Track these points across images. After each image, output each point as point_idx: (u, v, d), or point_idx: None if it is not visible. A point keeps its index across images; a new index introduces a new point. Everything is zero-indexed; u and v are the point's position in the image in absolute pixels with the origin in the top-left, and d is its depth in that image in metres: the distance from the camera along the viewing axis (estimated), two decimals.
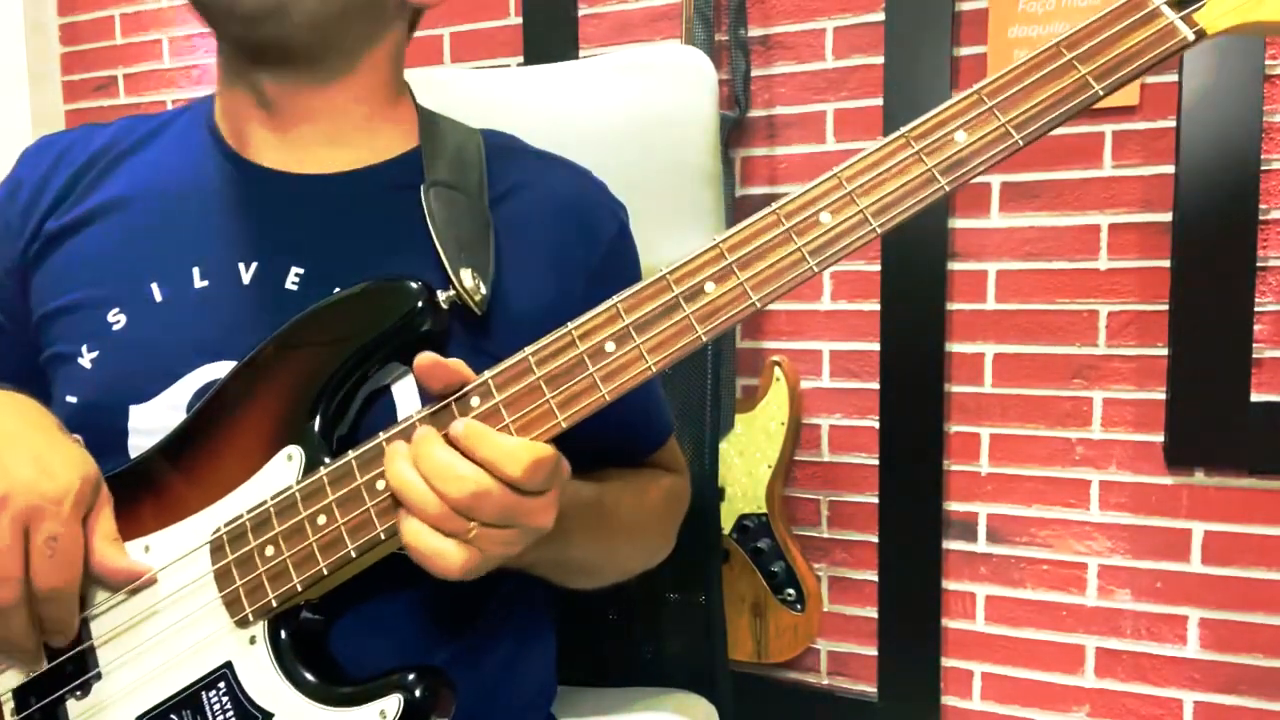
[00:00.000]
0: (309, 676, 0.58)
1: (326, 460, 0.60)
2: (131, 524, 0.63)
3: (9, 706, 0.63)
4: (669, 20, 1.69)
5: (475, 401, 0.56)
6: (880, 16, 1.56)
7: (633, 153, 0.93)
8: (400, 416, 0.64)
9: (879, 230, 0.52)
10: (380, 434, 0.58)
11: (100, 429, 0.67)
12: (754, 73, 1.65)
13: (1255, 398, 1.42)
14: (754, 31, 1.65)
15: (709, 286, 0.54)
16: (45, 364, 0.73)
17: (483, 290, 0.65)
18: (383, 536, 0.56)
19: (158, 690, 0.60)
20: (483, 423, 0.55)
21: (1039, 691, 1.60)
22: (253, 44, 0.69)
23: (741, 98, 1.62)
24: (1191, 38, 0.52)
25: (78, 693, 0.61)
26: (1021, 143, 0.52)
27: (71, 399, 0.69)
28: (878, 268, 1.60)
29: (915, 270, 1.57)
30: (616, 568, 0.77)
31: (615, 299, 0.55)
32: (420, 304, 0.62)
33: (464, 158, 0.73)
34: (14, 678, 0.63)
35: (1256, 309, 1.41)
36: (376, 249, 0.69)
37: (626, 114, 0.96)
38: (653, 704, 0.89)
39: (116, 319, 0.69)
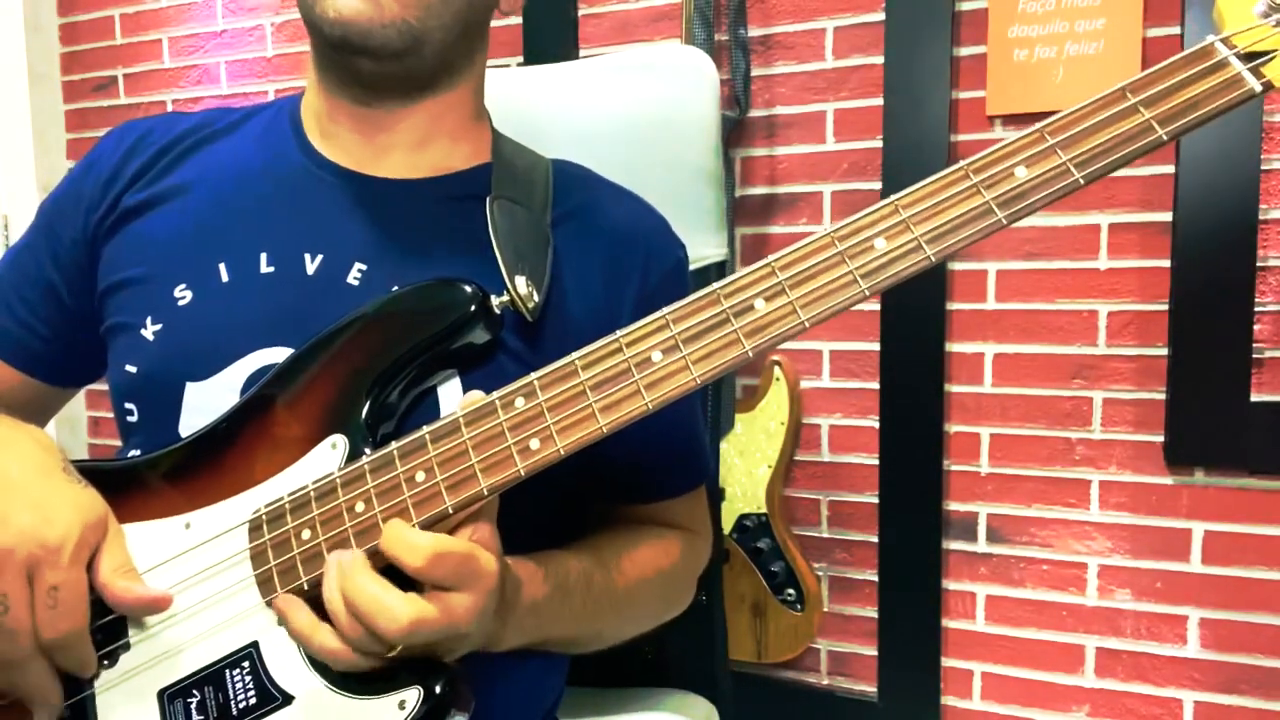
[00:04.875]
0: (330, 665, 0.58)
1: (369, 450, 0.61)
2: (175, 501, 0.63)
3: None
4: (669, 20, 1.69)
5: (520, 402, 0.57)
6: (880, 16, 1.56)
7: (634, 153, 0.93)
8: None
9: (933, 258, 0.52)
10: (424, 427, 0.59)
11: (156, 401, 0.68)
12: (754, 73, 1.65)
13: (1255, 398, 1.41)
14: (754, 31, 1.65)
15: (758, 303, 0.54)
16: (105, 333, 0.74)
17: (536, 298, 0.66)
18: (418, 527, 0.57)
19: (184, 664, 0.60)
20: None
21: (1039, 691, 1.60)
22: (376, 75, 0.70)
23: (741, 98, 1.62)
24: (1259, 89, 0.52)
25: (105, 662, 0.62)
26: (1083, 181, 0.52)
27: (131, 368, 0.70)
28: None
29: None
30: (613, 639, 0.76)
31: (665, 310, 0.56)
32: (474, 307, 0.64)
33: (532, 178, 0.75)
34: None
35: (1256, 309, 1.41)
36: (438, 253, 0.71)
37: (628, 114, 0.96)
38: (653, 704, 0.89)
39: (183, 295, 0.70)
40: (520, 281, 0.66)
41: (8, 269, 0.80)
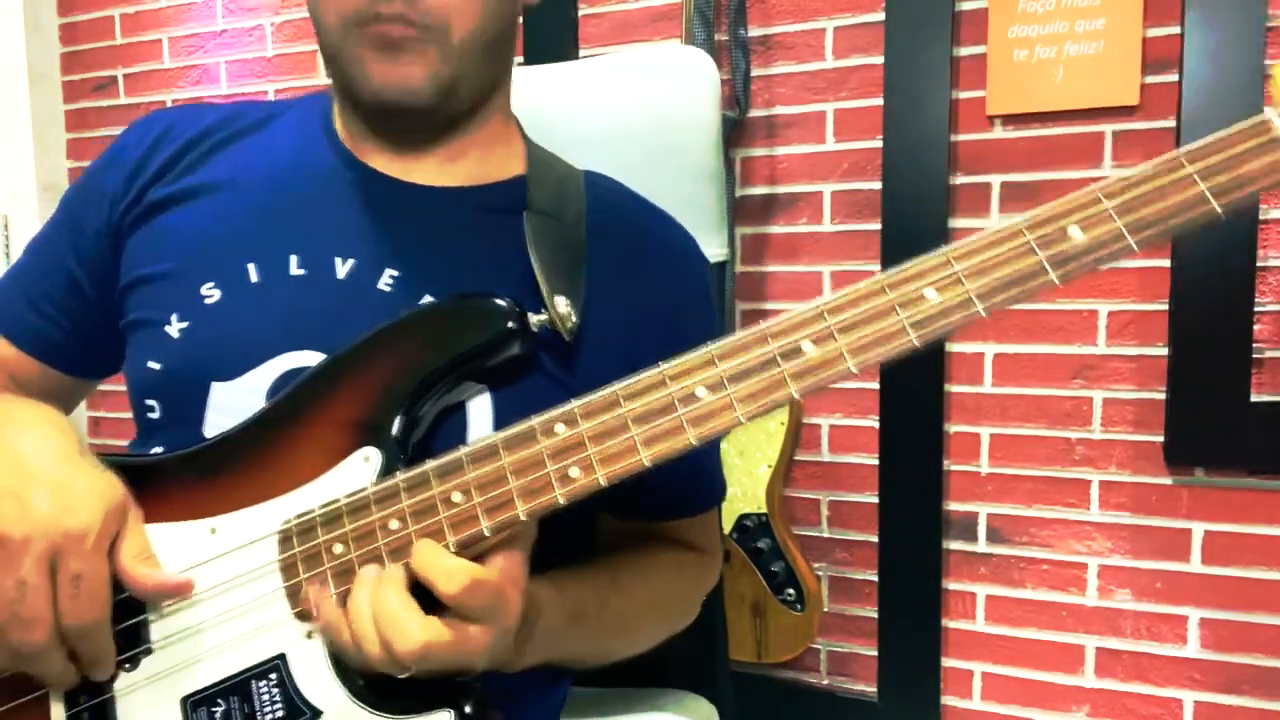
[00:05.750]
0: (360, 679, 0.58)
1: (402, 466, 0.60)
2: (200, 503, 0.62)
3: None
4: (669, 20, 1.69)
5: (560, 429, 0.56)
6: (880, 16, 1.56)
7: (634, 153, 0.93)
8: (471, 435, 0.65)
9: (984, 312, 0.52)
10: (461, 448, 0.58)
11: (180, 400, 0.68)
12: (754, 73, 1.65)
13: (1255, 398, 1.42)
14: (754, 31, 1.65)
15: (806, 346, 0.54)
16: (127, 328, 0.73)
17: (574, 319, 0.66)
18: (453, 550, 0.56)
19: (207, 673, 0.60)
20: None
21: (1039, 691, 1.60)
22: (413, 125, 0.71)
23: (741, 98, 1.62)
24: None
25: (126, 665, 0.61)
26: (1136, 246, 0.52)
27: (154, 365, 0.69)
28: (878, 267, 1.60)
29: None
30: (618, 657, 0.76)
31: (711, 346, 0.55)
32: (512, 324, 0.63)
33: (565, 191, 0.75)
34: None
35: (1256, 309, 1.41)
36: (472, 265, 0.70)
37: (629, 114, 0.96)
38: (653, 704, 0.89)
39: (210, 293, 0.69)
40: (560, 302, 0.65)
41: (30, 259, 0.80)
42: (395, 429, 0.61)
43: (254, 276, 0.69)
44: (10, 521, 0.55)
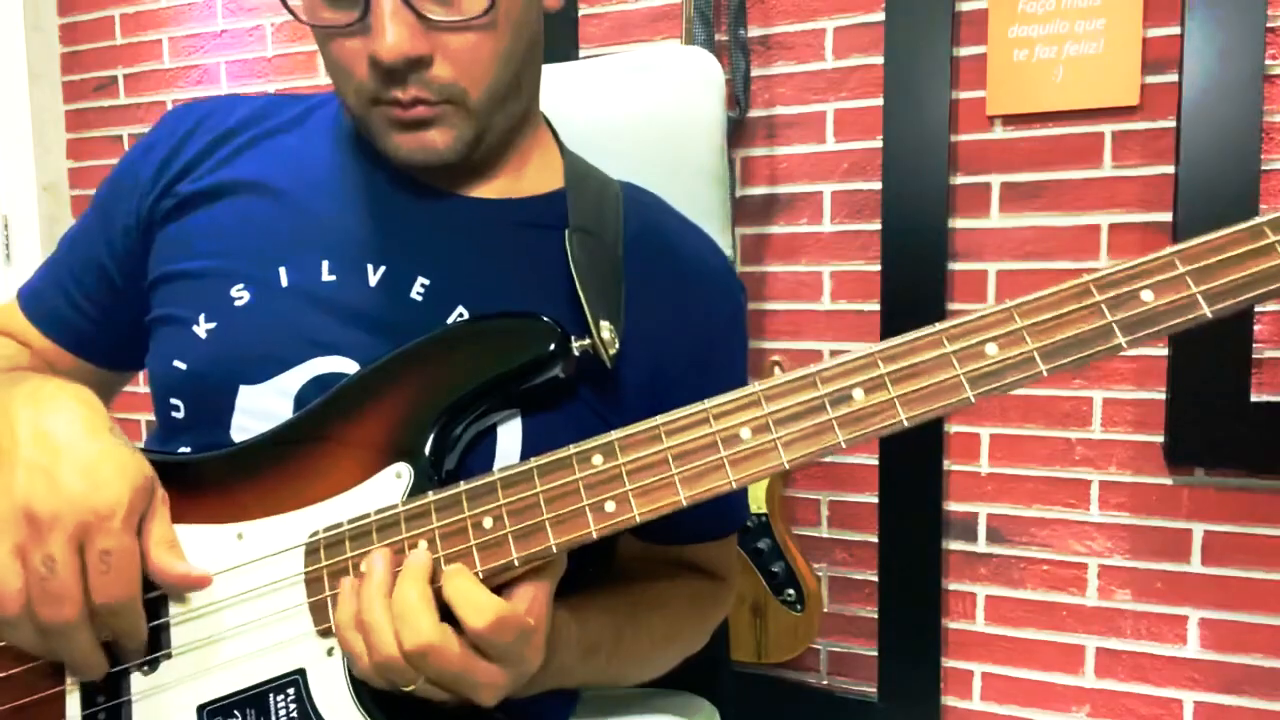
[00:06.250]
0: (376, 704, 0.57)
1: (434, 485, 0.59)
2: (228, 507, 0.62)
3: None
4: (669, 20, 1.69)
5: (597, 460, 0.55)
6: (880, 16, 1.56)
7: (638, 154, 0.93)
8: (500, 459, 0.64)
9: (1045, 372, 0.51)
10: (495, 471, 0.57)
11: (207, 401, 0.67)
12: (754, 73, 1.65)
13: (1255, 398, 1.42)
14: (754, 31, 1.65)
15: (857, 394, 0.53)
16: (152, 323, 0.72)
17: (617, 345, 0.64)
18: (481, 577, 0.55)
19: (225, 682, 0.59)
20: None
21: (1039, 691, 1.60)
22: (443, 168, 0.70)
23: (741, 98, 1.62)
24: None
25: (145, 668, 0.60)
26: (1210, 315, 0.49)
27: (181, 364, 0.68)
28: (877, 268, 1.60)
29: (915, 270, 1.57)
30: (630, 683, 0.76)
31: (758, 386, 0.54)
32: (555, 346, 0.61)
33: (604, 208, 0.73)
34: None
35: (1256, 309, 1.41)
36: (508, 280, 0.69)
37: (633, 115, 0.96)
38: (653, 704, 0.89)
39: (240, 295, 0.68)
40: (604, 327, 0.63)
41: (65, 253, 0.79)
42: (429, 447, 0.60)
43: (284, 280, 0.68)
44: (39, 498, 0.55)
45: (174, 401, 0.69)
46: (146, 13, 2.13)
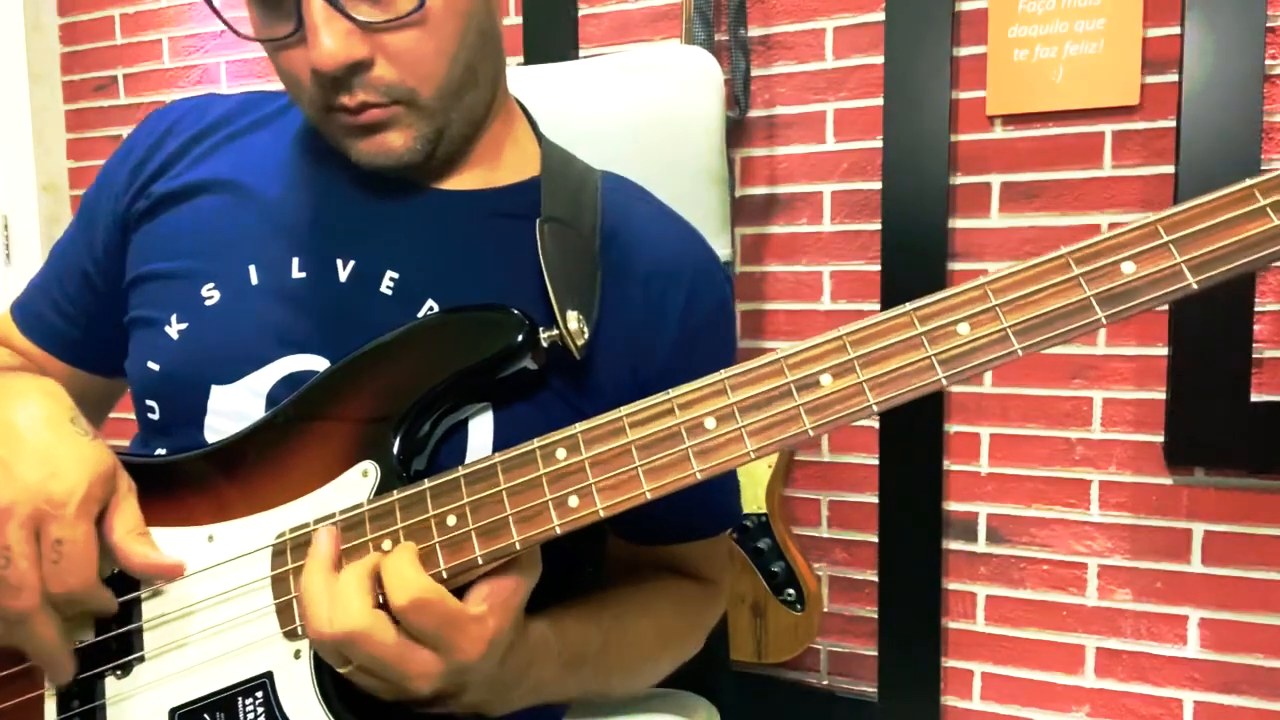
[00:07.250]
0: (344, 707, 0.57)
1: (400, 482, 0.59)
2: (199, 510, 0.62)
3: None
4: (669, 20, 1.69)
5: (561, 454, 0.54)
6: (880, 16, 1.56)
7: (637, 154, 0.93)
8: (470, 453, 0.63)
9: (1020, 352, 0.48)
10: (460, 468, 0.56)
11: (179, 401, 0.67)
12: (754, 73, 1.65)
13: (1255, 398, 1.42)
14: (754, 31, 1.65)
15: (825, 379, 0.51)
16: (129, 324, 0.72)
17: (585, 335, 0.63)
18: (445, 575, 0.55)
19: (196, 685, 0.59)
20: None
21: (1039, 691, 1.60)
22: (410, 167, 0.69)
23: (741, 98, 1.62)
24: None
25: (118, 672, 0.60)
26: (1196, 286, 0.47)
27: (154, 365, 0.68)
28: (878, 268, 1.60)
29: (915, 270, 1.57)
30: (619, 694, 0.75)
31: (723, 374, 0.53)
32: (522, 338, 0.61)
33: (581, 198, 0.72)
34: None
35: (1256, 309, 1.41)
36: (479, 271, 0.68)
37: (632, 114, 0.96)
38: (653, 704, 0.89)
39: (210, 294, 0.68)
40: (571, 317, 0.62)
41: (54, 260, 0.79)
42: (396, 444, 0.60)
43: (254, 279, 0.68)
44: None
45: (149, 403, 0.69)
46: (146, 13, 2.13)
